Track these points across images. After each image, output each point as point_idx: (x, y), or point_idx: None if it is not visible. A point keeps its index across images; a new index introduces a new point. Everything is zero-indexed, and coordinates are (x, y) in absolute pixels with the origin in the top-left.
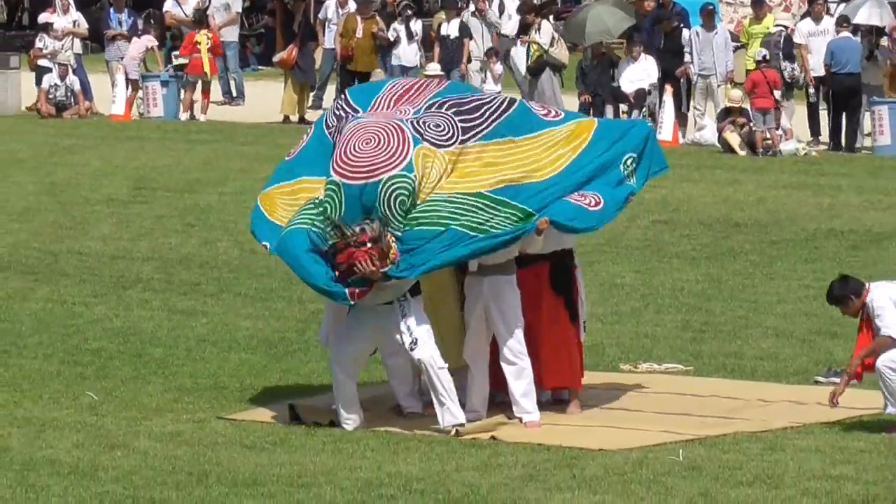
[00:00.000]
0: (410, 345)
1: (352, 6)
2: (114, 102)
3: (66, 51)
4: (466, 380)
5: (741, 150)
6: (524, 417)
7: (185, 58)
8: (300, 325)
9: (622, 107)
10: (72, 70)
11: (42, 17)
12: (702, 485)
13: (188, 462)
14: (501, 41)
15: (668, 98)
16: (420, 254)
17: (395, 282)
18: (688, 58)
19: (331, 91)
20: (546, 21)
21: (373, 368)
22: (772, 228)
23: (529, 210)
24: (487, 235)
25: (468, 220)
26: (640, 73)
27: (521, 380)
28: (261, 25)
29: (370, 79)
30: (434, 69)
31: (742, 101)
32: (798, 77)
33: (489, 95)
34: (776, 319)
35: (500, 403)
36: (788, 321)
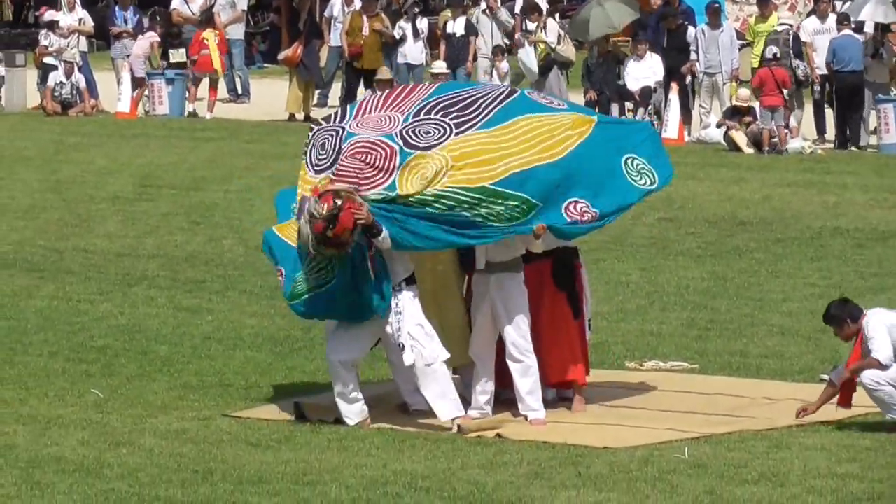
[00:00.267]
0: (401, 347)
1: (357, 4)
2: (119, 100)
3: (72, 48)
4: (471, 377)
5: (748, 149)
6: (530, 415)
7: (187, 57)
8: (306, 323)
9: (627, 105)
10: (77, 68)
11: (48, 15)
12: (707, 483)
13: (193, 459)
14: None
15: (674, 96)
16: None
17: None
18: (693, 56)
19: (336, 89)
20: (552, 19)
21: (377, 366)
22: (777, 226)
23: (534, 201)
24: (482, 232)
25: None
26: (646, 71)
27: (527, 377)
28: (266, 23)
29: (376, 76)
30: (440, 67)
31: (750, 100)
32: (809, 75)
33: (487, 87)
34: (781, 317)
35: (506, 401)
36: (794, 319)
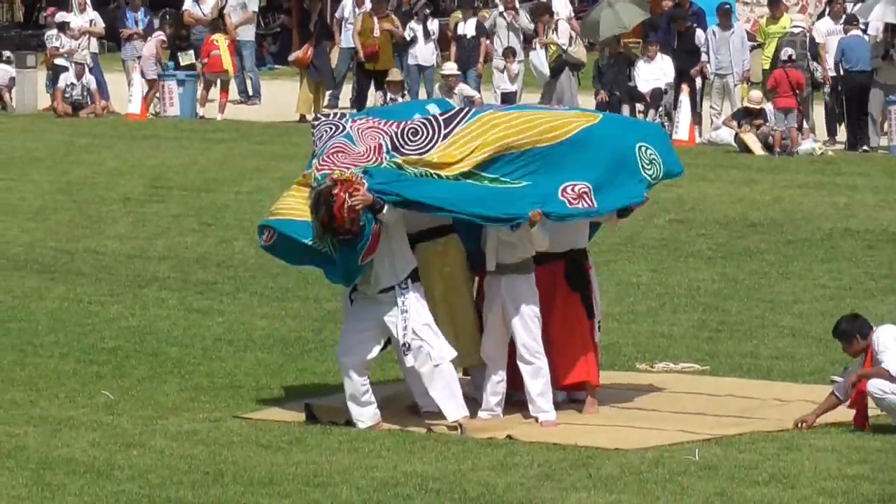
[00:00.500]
0: (403, 348)
1: (368, 5)
2: (130, 101)
3: (83, 50)
4: (482, 378)
5: (759, 151)
6: (540, 417)
7: (196, 59)
8: (316, 325)
9: (638, 106)
10: (88, 69)
11: (59, 17)
12: (718, 484)
13: (204, 461)
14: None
15: (685, 97)
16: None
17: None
18: (704, 57)
19: (347, 90)
20: (563, 21)
21: (388, 367)
22: (788, 228)
23: (507, 181)
24: (476, 210)
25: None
26: (657, 73)
27: (538, 379)
28: (277, 24)
29: (387, 77)
30: (451, 68)
31: (762, 103)
32: (824, 76)
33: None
34: (792, 319)
35: (517, 403)
36: (804, 321)
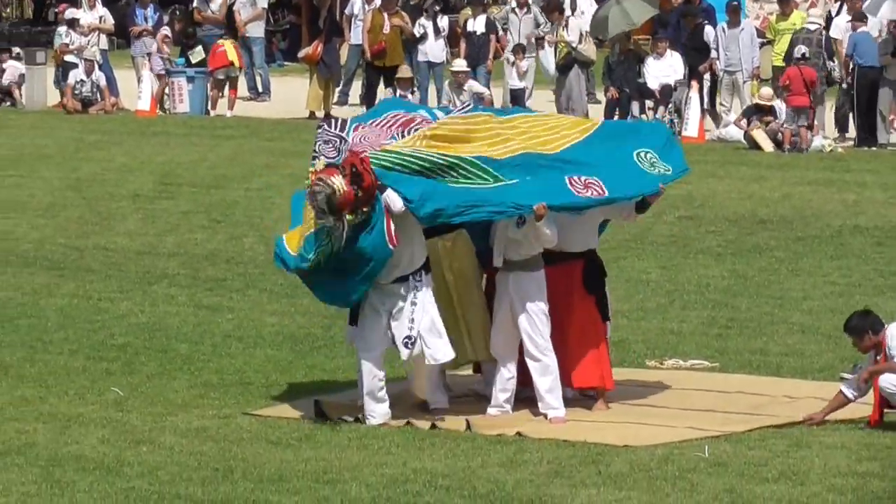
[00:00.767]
0: (405, 340)
1: (377, 2)
2: (139, 98)
3: (92, 46)
4: (492, 374)
5: (769, 146)
6: (549, 413)
7: (206, 53)
8: (326, 322)
9: (648, 103)
10: (98, 66)
11: (68, 13)
12: (727, 481)
13: (214, 458)
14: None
15: (694, 94)
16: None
17: (406, 247)
18: (714, 54)
19: (356, 87)
20: (573, 18)
21: (398, 364)
22: (797, 225)
23: (498, 175)
24: (484, 204)
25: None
26: (666, 69)
27: (547, 376)
28: (286, 21)
29: (396, 74)
30: (460, 65)
31: (772, 99)
32: (842, 75)
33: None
34: (802, 316)
35: (526, 399)
36: (814, 317)
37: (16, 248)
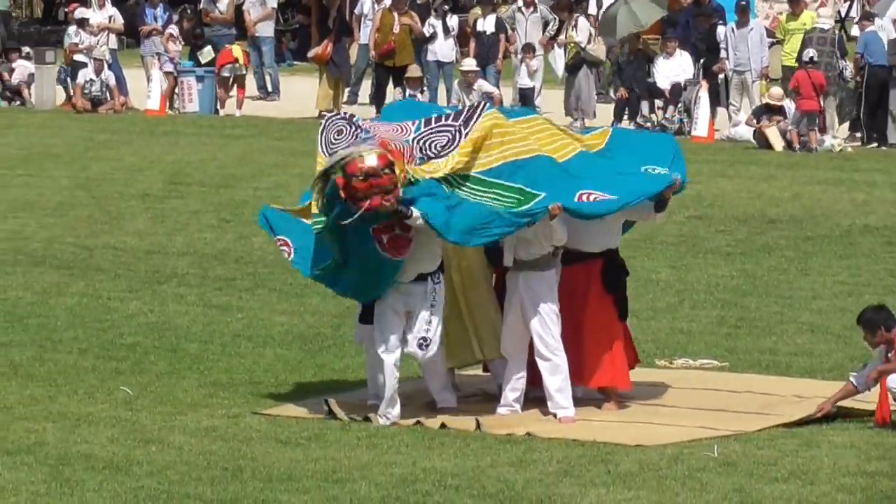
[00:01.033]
0: (420, 342)
1: (387, 1)
2: (149, 97)
3: (102, 46)
4: (502, 370)
5: (780, 143)
6: (559, 413)
7: (216, 54)
8: (335, 321)
9: (658, 102)
10: (107, 65)
11: (78, 13)
12: (737, 481)
13: (223, 457)
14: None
15: (704, 94)
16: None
17: (426, 240)
18: (723, 54)
19: (366, 86)
20: (583, 18)
21: (406, 364)
22: (807, 224)
23: (530, 191)
24: (502, 220)
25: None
26: (676, 69)
27: (557, 375)
28: (296, 21)
29: (406, 73)
30: (470, 65)
31: (782, 100)
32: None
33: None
34: (811, 315)
35: (535, 399)
36: (823, 317)
37: (25, 248)
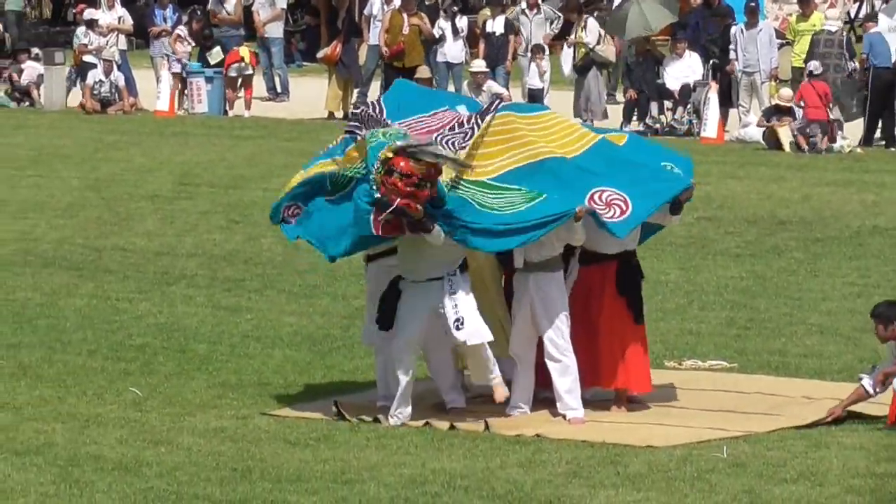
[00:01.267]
0: (455, 324)
1: (396, 2)
2: (158, 98)
3: (111, 47)
4: (509, 368)
5: (789, 141)
6: (568, 414)
7: (225, 55)
8: (344, 322)
9: (667, 103)
10: (116, 66)
11: (87, 13)
12: (746, 482)
13: (232, 458)
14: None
15: (713, 95)
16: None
17: (447, 247)
18: (732, 55)
19: (375, 87)
20: (592, 19)
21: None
22: (816, 225)
23: (533, 192)
24: (527, 224)
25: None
26: (685, 70)
27: (566, 377)
28: (305, 21)
29: (415, 75)
30: (479, 66)
31: (792, 100)
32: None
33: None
34: (821, 316)
35: (544, 400)
36: (833, 318)
37: (35, 249)
